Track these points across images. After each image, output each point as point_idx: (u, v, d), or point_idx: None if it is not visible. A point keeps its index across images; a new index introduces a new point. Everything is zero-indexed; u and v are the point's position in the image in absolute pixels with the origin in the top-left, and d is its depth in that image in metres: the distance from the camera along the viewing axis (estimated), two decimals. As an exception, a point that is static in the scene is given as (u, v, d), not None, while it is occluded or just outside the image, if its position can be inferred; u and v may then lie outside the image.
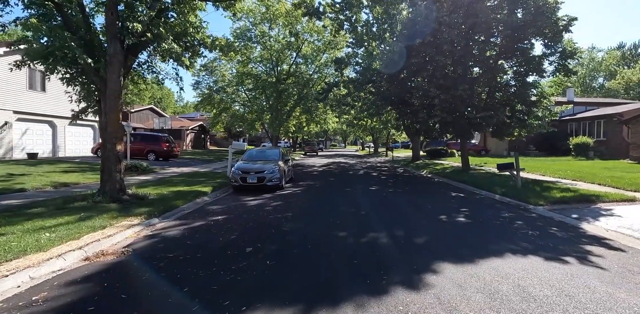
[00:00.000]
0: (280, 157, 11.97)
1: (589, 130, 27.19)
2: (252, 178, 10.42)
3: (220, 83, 30.12)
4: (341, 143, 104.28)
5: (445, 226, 6.45)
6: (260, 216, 7.08)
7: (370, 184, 12.86)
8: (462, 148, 16.81)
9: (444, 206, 8.53)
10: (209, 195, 9.98)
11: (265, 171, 10.58)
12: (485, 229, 6.27)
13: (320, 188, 11.77)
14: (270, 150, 12.94)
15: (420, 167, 20.67)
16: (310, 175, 16.62)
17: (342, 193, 10.61)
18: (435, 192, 11.04)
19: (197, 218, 7.07)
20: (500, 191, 10.57)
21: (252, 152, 12.57)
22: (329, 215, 7.19)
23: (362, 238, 5.46)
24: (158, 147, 20.47)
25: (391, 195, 10.14)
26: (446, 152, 30.37)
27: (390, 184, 13.02)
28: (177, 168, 17.24)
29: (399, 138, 52.00)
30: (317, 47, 28.62)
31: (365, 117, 29.45)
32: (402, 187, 12.09)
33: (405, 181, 14.31)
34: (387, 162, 27.77)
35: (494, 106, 14.49)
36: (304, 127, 36.58)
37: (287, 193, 10.40)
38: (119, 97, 7.87)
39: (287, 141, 57.55)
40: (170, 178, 12.71)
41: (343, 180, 14.22)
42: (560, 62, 13.74)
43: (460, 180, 13.63)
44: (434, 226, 6.33)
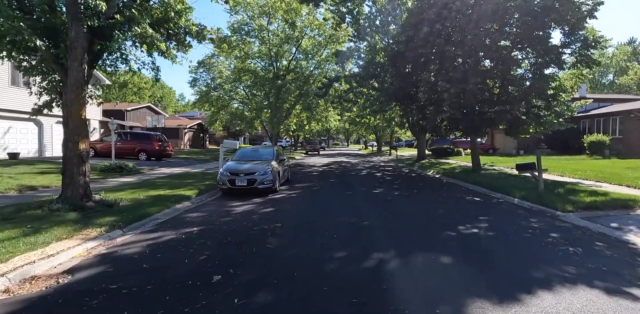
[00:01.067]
0: (275, 156, 10.86)
1: (603, 127, 25.86)
2: (242, 181, 9.32)
3: (218, 80, 29.04)
4: (344, 142, 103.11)
5: (467, 242, 5.30)
6: (243, 228, 5.97)
7: (374, 186, 11.73)
8: (472, 147, 15.63)
9: (460, 213, 7.39)
10: (193, 199, 8.90)
11: (257, 173, 9.47)
12: (516, 246, 5.12)
13: (318, 191, 10.66)
14: (264, 149, 11.82)
15: (426, 167, 19.50)
16: (309, 175, 15.52)
17: (342, 197, 9.49)
18: (446, 195, 9.89)
19: (169, 229, 5.98)
20: (519, 194, 9.42)
21: (243, 151, 11.47)
22: (326, 227, 6.06)
23: (366, 262, 4.30)
24: (150, 146, 19.44)
25: (398, 200, 9.00)
26: (453, 151, 29.17)
27: (396, 186, 11.88)
28: (168, 168, 16.19)
29: (402, 137, 50.80)
30: (317, 42, 27.47)
31: (368, 114, 28.29)
32: (409, 190, 10.95)
33: (412, 182, 13.16)
34: (391, 161, 26.61)
35: (508, 101, 13.31)
36: (305, 125, 35.47)
37: (280, 198, 9.29)
38: (81, 88, 6.78)
39: (288, 140, 56.55)
40: (155, 180, 11.65)
41: (344, 182, 13.10)
42: (582, 52, 12.52)
43: (473, 181, 12.48)
44: (454, 244, 5.17)
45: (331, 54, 23.98)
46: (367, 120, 32.60)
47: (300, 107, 28.22)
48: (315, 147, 42.63)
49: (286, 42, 25.54)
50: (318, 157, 33.29)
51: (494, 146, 33.19)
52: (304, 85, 25.70)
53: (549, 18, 11.32)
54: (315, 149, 42.28)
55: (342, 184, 12.42)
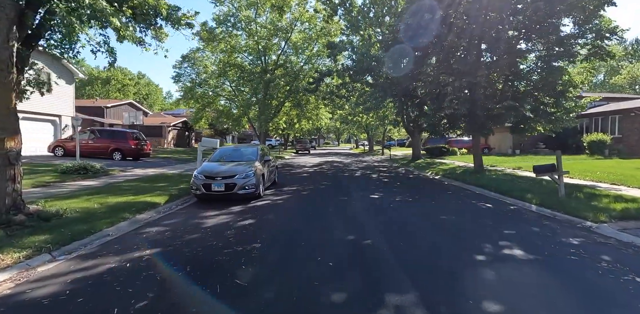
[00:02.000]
0: (259, 156, 9.51)
1: (601, 126, 25.18)
2: (219, 185, 7.96)
3: (203, 75, 27.47)
4: (334, 141, 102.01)
5: (501, 273, 4.04)
6: (210, 251, 4.63)
7: (371, 190, 10.49)
8: (474, 146, 14.55)
9: (478, 226, 6.17)
10: (160, 208, 7.51)
11: (237, 176, 8.12)
12: (567, 277, 3.90)
13: (308, 196, 9.36)
14: (247, 148, 10.45)
15: (423, 167, 18.38)
16: (299, 177, 14.20)
17: (336, 204, 8.20)
18: (454, 201, 8.69)
19: (115, 253, 4.61)
20: (535, 200, 8.31)
21: (224, 151, 10.08)
22: (318, 250, 4.76)
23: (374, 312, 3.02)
24: (125, 145, 17.84)
25: (401, 208, 7.76)
26: (447, 150, 28.24)
27: (395, 190, 10.66)
28: (143, 169, 14.68)
29: (395, 136, 49.85)
30: (308, 36, 26.13)
31: (361, 112, 27.12)
32: (411, 194, 9.73)
33: (412, 185, 11.97)
34: (384, 161, 25.47)
35: (515, 96, 12.24)
36: (294, 123, 34.12)
37: (264, 205, 7.96)
38: (8, 70, 5.34)
39: (278, 139, 55.05)
40: (121, 184, 10.19)
41: (337, 185, 11.83)
42: (596, 43, 11.49)
43: (478, 184, 11.36)
44: (491, 278, 3.90)
45: (322, 47, 22.67)
46: (360, 118, 31.44)
47: (289, 104, 26.84)
48: (305, 146, 41.34)
49: (275, 34, 24.12)
50: (308, 157, 31.98)
51: (489, 145, 32.37)
52: (294, 81, 24.34)
53: (565, 3, 10.22)
54: (305, 148, 40.98)
55: (335, 187, 11.15)
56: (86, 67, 75.97)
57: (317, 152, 43.71)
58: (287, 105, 28.42)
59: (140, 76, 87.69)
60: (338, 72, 17.10)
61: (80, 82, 69.46)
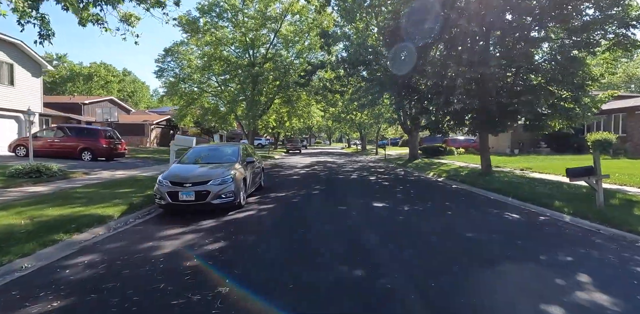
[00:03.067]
0: (240, 157, 7.95)
1: (604, 125, 24.27)
2: (188, 194, 6.40)
3: (187, 69, 25.70)
4: (326, 140, 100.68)
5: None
6: (149, 304, 3.11)
7: (372, 196, 9.05)
8: (482, 146, 13.24)
9: (521, 250, 4.74)
10: (111, 223, 5.94)
11: (211, 182, 6.58)
12: None
13: (299, 205, 7.85)
14: (227, 147, 8.85)
15: (422, 168, 17.07)
16: (289, 180, 12.70)
17: (333, 217, 6.70)
18: (475, 212, 7.29)
19: (5, 305, 3.05)
20: (568, 209, 7.03)
21: (198, 150, 8.48)
22: (313, 297, 3.27)
23: None
24: (95, 144, 16.06)
25: (415, 223, 6.30)
26: (444, 150, 27.04)
27: (400, 196, 9.23)
28: (112, 171, 12.99)
29: (388, 135, 48.66)
30: (299, 29, 24.58)
31: (355, 109, 25.73)
32: (419, 201, 8.32)
33: (417, 190, 10.57)
34: (380, 161, 24.12)
35: (529, 90, 10.94)
36: (285, 121, 32.55)
37: (244, 219, 6.43)
38: None
39: (269, 138, 53.38)
40: (75, 190, 8.53)
41: (332, 189, 10.37)
42: (621, 31, 10.26)
43: (491, 188, 10.05)
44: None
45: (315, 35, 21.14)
46: (353, 116, 30.05)
47: (279, 100, 25.27)
48: (296, 145, 39.81)
49: (263, 25, 22.50)
50: (299, 157, 30.47)
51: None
52: (284, 76, 22.77)
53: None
54: (296, 148, 39.45)
55: (330, 193, 9.68)
56: (68, 63, 73.15)
57: (309, 152, 42.20)
58: (277, 102, 26.84)
59: (126, 73, 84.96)
60: (332, 64, 15.63)
61: (61, 79, 66.64)
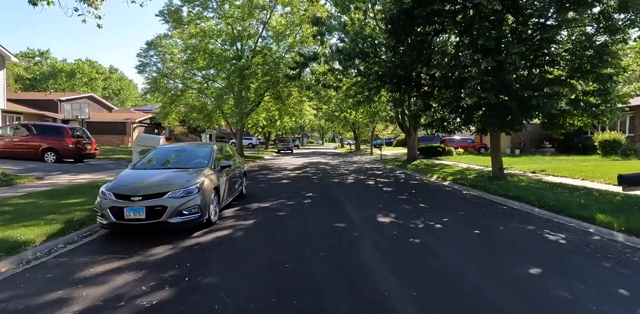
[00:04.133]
0: (212, 161, 6.36)
1: (609, 124, 23.16)
2: (136, 210, 4.82)
3: (170, 63, 23.93)
4: (318, 140, 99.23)
5: None
6: None
7: (375, 207, 7.55)
8: (494, 146, 11.86)
9: (609, 299, 3.29)
10: (28, 252, 4.34)
11: (169, 194, 5.01)
12: None
13: (286, 221, 6.30)
14: (198, 147, 7.20)
15: (424, 170, 15.66)
16: (277, 185, 11.16)
17: (331, 243, 5.14)
18: (505, 229, 5.83)
19: None
20: (617, 224, 5.64)
21: (162, 152, 6.83)
22: None
23: None
24: (61, 144, 14.28)
25: (436, 248, 4.78)
26: (443, 150, 25.74)
27: (408, 206, 7.73)
28: (74, 175, 11.29)
29: (382, 135, 47.34)
30: (290, 21, 22.98)
31: (350, 107, 24.26)
32: (434, 215, 6.84)
33: (425, 197, 9.10)
34: (376, 162, 22.69)
35: (552, 82, 9.59)
36: (276, 120, 30.93)
37: (210, 244, 4.85)
38: None
39: (260, 137, 51.68)
40: (9, 202, 6.85)
41: (327, 197, 8.84)
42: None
43: (510, 196, 8.66)
44: None
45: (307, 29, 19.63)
46: (347, 114, 28.59)
47: (269, 97, 23.64)
48: (288, 145, 38.23)
49: (250, 15, 20.86)
50: (291, 157, 28.91)
51: (485, 145, 30.11)
52: (273, 71, 21.15)
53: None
54: (288, 148, 37.88)
55: (326, 202, 8.15)
56: (51, 59, 70.28)
57: (301, 152, 40.66)
58: (267, 98, 25.23)
59: (113, 70, 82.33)
60: (325, 56, 14.11)
61: (42, 75, 63.83)
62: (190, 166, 6.11)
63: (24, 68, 64.41)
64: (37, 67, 65.10)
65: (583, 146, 23.30)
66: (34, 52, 71.16)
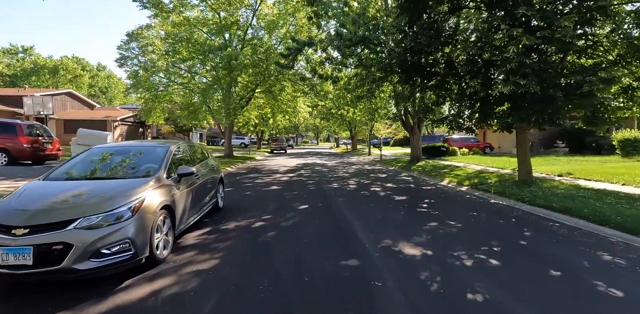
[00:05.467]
0: (163, 168, 4.40)
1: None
2: (18, 251, 2.91)
3: (150, 55, 21.90)
4: (313, 139, 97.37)
5: None
6: None
7: (392, 225, 5.70)
8: (521, 145, 10.08)
9: None
10: None
11: (76, 223, 3.10)
12: None
13: (272, 254, 4.38)
14: (149, 147, 5.10)
15: (431, 172, 13.88)
16: (265, 193, 9.27)
17: (340, 295, 3.30)
18: (593, 265, 4.02)
19: None
20: None
21: (96, 153, 4.81)
22: None
23: None
24: (13, 143, 12.22)
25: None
26: (447, 150, 24.03)
27: (436, 225, 5.88)
28: (16, 181, 9.28)
29: (380, 134, 45.64)
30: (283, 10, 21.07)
31: (347, 103, 22.42)
32: (475, 239, 5.01)
33: (450, 211, 7.26)
34: (376, 163, 20.89)
35: (600, 67, 7.84)
36: (269, 118, 28.98)
37: (143, 304, 2.97)
38: None
39: (253, 137, 49.66)
40: None
41: (327, 212, 6.97)
42: None
43: (555, 207, 6.92)
44: None
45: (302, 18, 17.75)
46: (344, 111, 26.76)
47: (260, 89, 21.66)
48: (281, 145, 36.27)
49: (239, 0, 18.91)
50: (284, 157, 27.01)
51: (490, 144, 28.48)
52: (264, 63, 19.21)
53: None
54: (281, 148, 35.94)
55: (326, 218, 6.28)
56: (35, 55, 67.36)
57: (295, 152, 38.76)
58: (258, 95, 23.28)
59: (100, 68, 79.54)
60: (322, 42, 12.24)
61: (23, 72, 60.95)
62: (131, 175, 4.20)
63: (5, 65, 61.55)
64: (18, 64, 62.25)
65: (597, 145, 21.77)
66: (16, 48, 68.27)
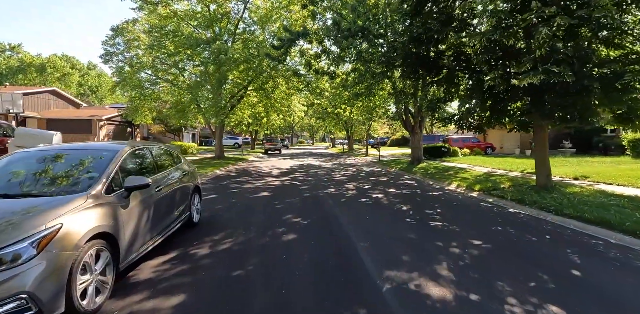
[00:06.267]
0: (106, 177, 3.27)
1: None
2: None
3: (134, 50, 20.64)
4: (309, 139, 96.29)
5: None
6: None
7: (406, 248, 4.61)
8: (539, 145, 9.05)
9: None
10: None
11: None
12: None
13: (249, 298, 3.30)
14: (91, 150, 3.88)
15: (435, 175, 12.81)
16: (252, 201, 8.13)
17: None
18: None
19: None
20: None
21: (21, 158, 3.61)
22: None
23: None
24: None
25: None
26: (448, 150, 22.97)
27: (457, 245, 4.80)
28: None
29: (376, 134, 44.64)
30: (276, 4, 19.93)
31: (344, 101, 21.34)
32: (516, 271, 3.93)
33: (469, 224, 6.16)
34: (374, 164, 19.81)
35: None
36: (262, 118, 27.77)
37: None
38: None
39: (247, 137, 48.39)
40: None
41: (324, 228, 5.84)
42: None
43: (592, 220, 5.87)
44: None
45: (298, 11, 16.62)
46: (341, 110, 25.68)
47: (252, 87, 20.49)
48: (276, 145, 35.04)
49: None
50: (278, 158, 25.85)
51: (492, 145, 27.52)
52: (256, 58, 18.05)
53: None
54: (276, 148, 34.72)
55: (321, 238, 5.15)
56: (23, 53, 65.46)
57: (290, 152, 37.61)
58: (251, 93, 22.12)
59: (92, 66, 77.69)
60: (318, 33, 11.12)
61: (9, 70, 59.10)
62: (54, 191, 3.04)
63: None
64: (5, 61, 60.37)
65: (604, 146, 20.92)
66: (3, 46, 66.31)
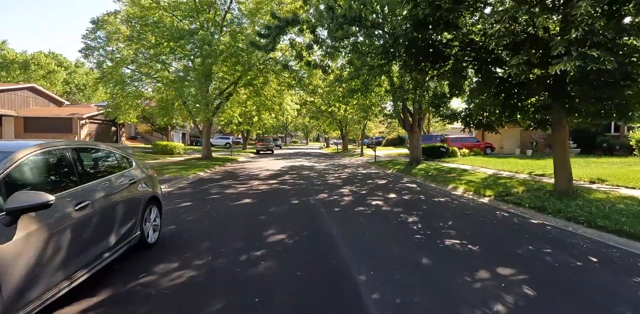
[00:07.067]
0: None
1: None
2: None
3: (114, 43, 19.34)
4: (302, 139, 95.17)
5: None
6: None
7: (418, 277, 3.53)
8: (559, 147, 8.03)
9: None
10: None
11: None
12: None
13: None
14: None
15: (437, 178, 11.79)
16: (230, 212, 6.99)
17: None
18: None
19: None
20: None
21: None
22: None
23: None
24: None
25: None
26: (447, 151, 22.05)
27: (489, 276, 3.75)
28: None
29: (372, 134, 43.68)
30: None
31: (339, 99, 20.27)
32: None
33: (490, 242, 5.09)
34: (370, 165, 18.77)
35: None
36: (253, 116, 26.59)
37: None
38: None
39: (238, 137, 47.13)
40: None
41: (313, 246, 4.74)
42: None
43: (637, 236, 4.84)
44: None
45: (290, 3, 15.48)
46: (335, 109, 24.60)
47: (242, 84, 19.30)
48: (268, 145, 33.84)
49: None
50: (270, 159, 24.70)
51: (491, 145, 26.66)
52: (244, 52, 16.88)
53: None
54: (268, 148, 33.53)
55: (310, 266, 4.04)
56: (8, 50, 63.29)
57: (283, 152, 36.45)
58: (240, 90, 20.93)
59: (79, 64, 75.56)
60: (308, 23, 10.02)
61: (-9, 66, 56.96)
62: None
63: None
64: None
65: (608, 145, 20.17)
66: None
